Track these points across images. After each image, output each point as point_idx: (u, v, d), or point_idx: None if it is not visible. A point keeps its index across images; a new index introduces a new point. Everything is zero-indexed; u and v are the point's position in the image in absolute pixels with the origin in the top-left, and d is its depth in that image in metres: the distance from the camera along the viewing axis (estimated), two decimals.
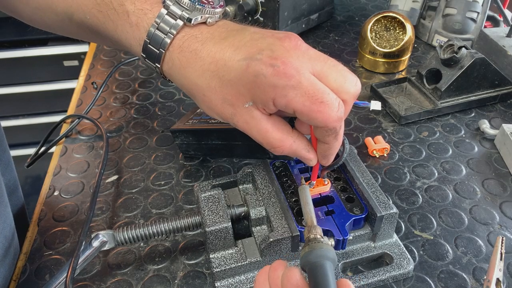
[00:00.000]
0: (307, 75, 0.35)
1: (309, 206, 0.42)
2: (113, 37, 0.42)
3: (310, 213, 0.41)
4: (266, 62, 0.35)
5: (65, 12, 0.43)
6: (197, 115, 0.59)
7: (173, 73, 0.41)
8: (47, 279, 0.47)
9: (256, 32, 0.38)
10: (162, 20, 0.39)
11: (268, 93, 0.36)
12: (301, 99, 0.35)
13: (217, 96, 0.39)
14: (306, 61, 0.36)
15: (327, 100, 0.35)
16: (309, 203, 0.42)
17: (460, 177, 0.58)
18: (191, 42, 0.39)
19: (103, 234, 0.44)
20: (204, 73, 0.38)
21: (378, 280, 0.45)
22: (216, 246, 0.45)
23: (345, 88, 0.37)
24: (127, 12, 0.40)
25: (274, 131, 0.39)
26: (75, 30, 0.46)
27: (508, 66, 0.73)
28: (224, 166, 0.61)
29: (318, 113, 0.35)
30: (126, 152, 0.64)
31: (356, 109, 0.70)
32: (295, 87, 0.35)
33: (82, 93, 0.77)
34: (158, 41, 0.39)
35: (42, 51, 1.59)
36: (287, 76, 0.35)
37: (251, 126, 0.39)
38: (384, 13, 0.78)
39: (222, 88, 0.38)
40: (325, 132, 0.38)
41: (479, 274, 0.46)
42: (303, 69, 0.35)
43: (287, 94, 0.35)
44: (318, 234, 0.37)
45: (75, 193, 0.57)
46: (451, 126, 0.67)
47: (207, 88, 0.39)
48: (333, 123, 0.36)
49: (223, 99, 0.38)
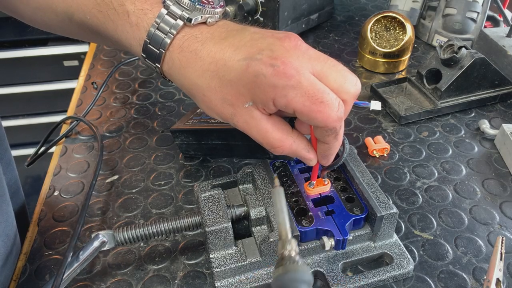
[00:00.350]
0: (307, 75, 0.35)
1: (283, 214, 0.34)
2: (113, 37, 0.42)
3: (284, 223, 0.34)
4: (266, 62, 0.35)
5: (65, 12, 0.43)
6: (197, 115, 0.59)
7: (173, 73, 0.41)
8: (47, 279, 0.47)
9: (256, 32, 0.38)
10: (162, 20, 0.39)
11: (268, 93, 0.36)
12: (301, 99, 0.35)
13: (217, 96, 0.39)
14: (306, 61, 0.36)
15: (327, 100, 0.35)
16: (283, 210, 0.34)
17: (460, 177, 0.58)
18: (191, 42, 0.39)
19: (103, 234, 0.44)
20: (204, 73, 0.38)
21: (378, 280, 0.45)
22: (216, 246, 0.45)
23: (345, 88, 0.37)
24: (127, 12, 0.40)
25: (274, 131, 0.39)
26: (75, 30, 0.46)
27: (508, 66, 0.73)
28: (224, 166, 0.61)
29: (318, 113, 0.35)
30: (126, 152, 0.64)
31: (356, 109, 0.70)
32: (295, 87, 0.35)
33: (82, 93, 0.77)
34: (158, 41, 0.39)
35: (42, 51, 1.59)
36: (287, 76, 0.35)
37: (251, 126, 0.39)
38: (384, 13, 0.78)
39: (222, 88, 0.38)
40: (325, 132, 0.38)
41: (479, 274, 0.46)
42: (303, 69, 0.35)
43: (287, 94, 0.35)
44: (294, 250, 0.32)
45: (75, 193, 0.57)
46: (451, 126, 0.67)
47: (207, 88, 0.39)
48: (333, 123, 0.36)
49: (223, 99, 0.38)
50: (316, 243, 0.46)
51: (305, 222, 0.45)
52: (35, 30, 0.51)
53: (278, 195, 0.35)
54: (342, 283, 0.44)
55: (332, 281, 0.45)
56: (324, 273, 0.45)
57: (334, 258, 0.47)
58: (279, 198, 0.35)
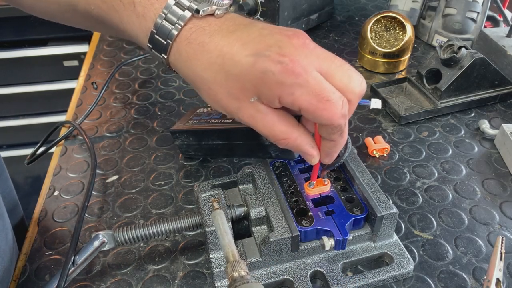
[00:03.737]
0: (314, 74, 0.36)
1: (228, 237, 0.34)
2: (119, 27, 0.41)
3: (230, 245, 0.33)
4: (274, 59, 0.35)
5: (68, 2, 0.42)
6: (197, 115, 0.59)
7: (179, 65, 0.40)
8: (47, 279, 0.47)
9: (264, 28, 0.38)
10: (169, 11, 0.38)
11: (274, 90, 0.36)
12: (308, 98, 0.35)
13: (223, 90, 0.38)
14: (314, 59, 0.36)
15: (333, 99, 0.36)
16: (227, 232, 0.34)
17: (460, 177, 0.58)
18: (199, 34, 0.38)
19: (103, 234, 0.44)
20: (211, 66, 0.38)
21: (378, 280, 0.45)
22: (216, 246, 0.45)
23: (350, 88, 0.37)
24: (133, 3, 0.39)
25: (280, 123, 0.38)
26: (79, 20, 0.45)
27: (508, 66, 0.73)
28: (224, 166, 0.61)
29: (324, 111, 0.36)
30: (126, 152, 0.64)
31: (356, 109, 0.70)
32: (302, 86, 0.35)
33: (82, 93, 0.77)
34: (165, 32, 0.39)
35: (42, 51, 1.59)
36: (295, 74, 0.35)
37: (256, 120, 0.38)
38: (384, 13, 0.78)
39: (228, 82, 0.38)
40: (331, 130, 0.38)
41: (479, 274, 0.46)
42: (311, 67, 0.36)
43: (294, 92, 0.35)
44: (243, 270, 0.32)
45: (75, 193, 0.57)
46: (451, 126, 0.67)
47: (213, 81, 0.38)
48: (338, 120, 0.37)
49: (228, 93, 0.38)
50: (316, 243, 0.46)
51: (305, 222, 0.45)
52: (35, 30, 0.51)
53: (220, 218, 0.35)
54: (342, 283, 0.44)
55: (332, 281, 0.45)
56: (324, 273, 0.45)
57: (334, 258, 0.47)
58: (221, 220, 0.35)
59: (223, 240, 0.34)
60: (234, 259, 0.32)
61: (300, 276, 0.45)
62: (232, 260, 0.32)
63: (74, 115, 0.71)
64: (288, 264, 0.46)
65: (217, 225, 0.35)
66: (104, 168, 0.61)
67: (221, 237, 0.34)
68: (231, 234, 0.34)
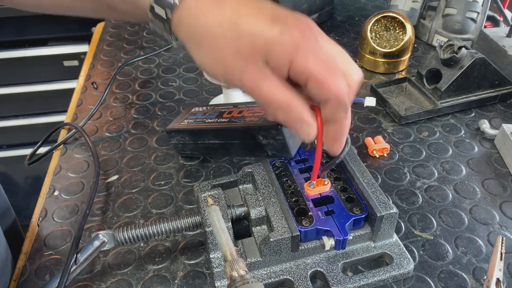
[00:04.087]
0: (326, 47, 0.38)
1: (225, 234, 0.32)
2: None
3: (227, 243, 0.32)
4: (292, 25, 0.35)
5: None
6: (192, 115, 0.59)
7: (186, 21, 0.38)
8: (47, 279, 0.47)
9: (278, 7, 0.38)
10: None
11: (289, 52, 0.35)
12: (319, 67, 0.36)
13: (232, 46, 0.37)
14: (323, 39, 0.38)
15: (340, 73, 0.37)
16: (224, 230, 0.33)
17: (460, 177, 0.58)
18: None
19: (103, 234, 0.44)
20: (223, 22, 0.37)
21: (378, 280, 0.45)
22: (216, 246, 0.45)
23: (350, 72, 0.39)
24: None
25: (283, 90, 0.37)
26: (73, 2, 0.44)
27: (508, 66, 0.73)
28: (224, 166, 0.61)
29: (332, 82, 0.36)
30: (126, 152, 0.64)
31: (356, 109, 0.70)
32: (316, 54, 0.36)
33: (82, 93, 0.77)
34: None
35: (42, 51, 1.59)
36: (311, 41, 0.36)
37: (259, 85, 0.37)
38: (384, 13, 0.78)
39: (240, 39, 0.36)
40: (336, 106, 0.37)
41: (479, 274, 0.46)
42: (322, 43, 0.37)
43: (308, 58, 0.35)
44: (242, 269, 0.31)
45: (75, 193, 0.57)
46: (451, 126, 0.67)
47: (222, 36, 0.37)
48: (344, 95, 0.37)
49: (237, 51, 0.36)
50: (316, 243, 0.46)
51: (305, 222, 0.45)
52: (35, 30, 0.50)
53: (215, 214, 0.33)
54: (342, 283, 0.44)
55: (332, 281, 0.45)
56: (324, 273, 0.45)
57: (334, 258, 0.47)
58: (217, 217, 0.33)
59: (220, 238, 0.32)
60: (232, 258, 0.31)
61: (300, 276, 0.45)
62: (230, 259, 0.31)
63: (74, 115, 0.71)
64: (288, 264, 0.46)
65: (212, 222, 0.33)
66: (104, 168, 0.61)
67: (217, 235, 0.32)
68: (227, 231, 0.33)
